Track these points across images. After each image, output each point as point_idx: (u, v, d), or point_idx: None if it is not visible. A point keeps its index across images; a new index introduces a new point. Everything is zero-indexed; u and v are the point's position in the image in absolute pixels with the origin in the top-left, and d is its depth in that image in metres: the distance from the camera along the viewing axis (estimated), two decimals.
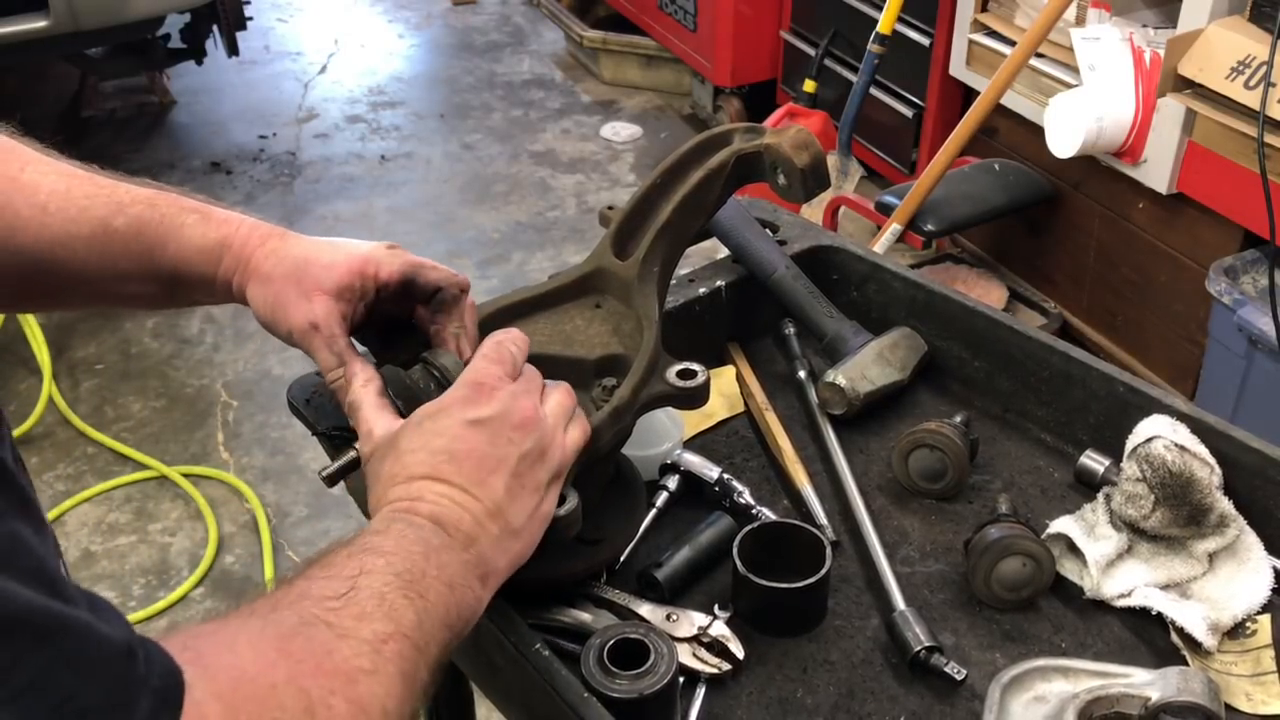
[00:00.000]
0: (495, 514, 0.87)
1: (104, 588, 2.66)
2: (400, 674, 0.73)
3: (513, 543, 0.89)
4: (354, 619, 0.73)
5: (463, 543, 0.85)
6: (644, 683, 0.95)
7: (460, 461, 0.87)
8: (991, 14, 3.15)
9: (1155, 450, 1.15)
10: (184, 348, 3.43)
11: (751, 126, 1.16)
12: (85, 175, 1.02)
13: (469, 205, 4.15)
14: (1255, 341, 2.35)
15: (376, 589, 0.75)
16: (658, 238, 1.13)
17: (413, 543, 0.81)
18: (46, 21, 3.45)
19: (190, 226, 1.01)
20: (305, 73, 5.09)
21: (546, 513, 0.92)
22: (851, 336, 1.37)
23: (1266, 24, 2.31)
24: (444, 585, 0.80)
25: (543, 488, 0.91)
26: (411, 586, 0.77)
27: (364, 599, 0.74)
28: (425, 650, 0.76)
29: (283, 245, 1.02)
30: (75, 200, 0.99)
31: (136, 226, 1.00)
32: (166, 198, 1.02)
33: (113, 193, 1.01)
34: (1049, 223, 3.19)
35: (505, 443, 0.89)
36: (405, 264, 1.04)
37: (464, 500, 0.86)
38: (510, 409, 0.90)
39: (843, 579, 1.16)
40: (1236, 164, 2.44)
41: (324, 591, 0.74)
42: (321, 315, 0.99)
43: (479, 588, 0.85)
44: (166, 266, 1.01)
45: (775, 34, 4.15)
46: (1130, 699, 0.97)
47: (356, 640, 0.72)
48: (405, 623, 0.75)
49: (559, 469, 0.93)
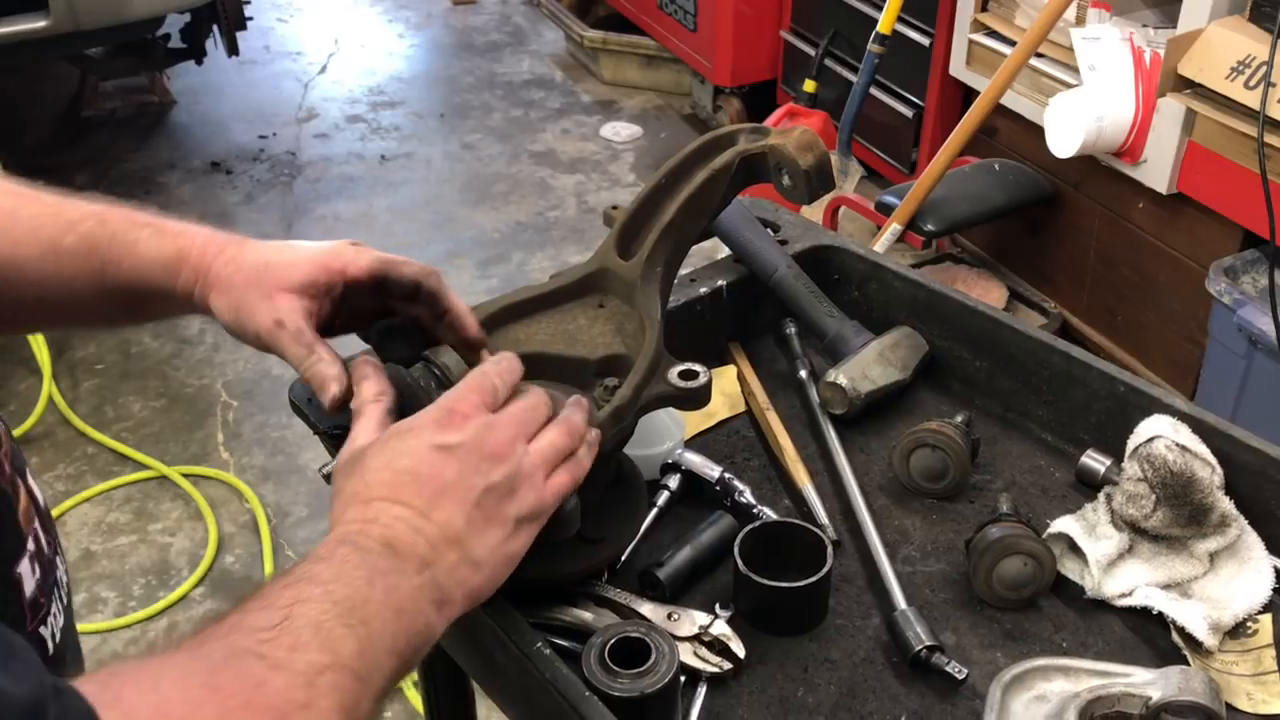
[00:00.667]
0: (453, 541, 0.83)
1: (104, 588, 2.66)
2: (338, 707, 0.69)
3: (472, 574, 0.84)
4: (287, 650, 0.69)
5: (416, 567, 0.80)
6: (645, 681, 0.95)
7: (422, 484, 0.84)
8: (991, 14, 3.15)
9: (1156, 450, 1.15)
10: (184, 348, 3.43)
11: (756, 127, 1.16)
12: (30, 194, 0.99)
13: (469, 205, 4.15)
14: (1255, 341, 2.36)
15: (313, 618, 0.71)
16: (661, 238, 1.13)
17: (355, 567, 0.77)
18: (46, 21, 3.45)
19: (144, 241, 0.99)
20: (305, 73, 5.09)
21: (513, 552, 0.87)
22: (852, 336, 1.37)
23: (1266, 24, 2.31)
24: (390, 611, 0.76)
25: (509, 523, 0.87)
26: (352, 614, 0.73)
27: (299, 628, 0.70)
28: (367, 680, 0.72)
29: (241, 253, 1.00)
30: (21, 220, 0.96)
31: (88, 244, 0.97)
32: (117, 213, 1.00)
33: (60, 211, 0.98)
34: (1049, 223, 3.19)
35: (472, 472, 0.85)
36: (375, 260, 1.02)
37: (420, 524, 0.82)
38: (482, 439, 0.87)
39: (844, 578, 1.16)
40: (1236, 164, 2.44)
41: (256, 623, 0.70)
42: (285, 312, 0.97)
43: (432, 614, 0.81)
44: (122, 283, 0.98)
45: (775, 34, 4.15)
46: (1131, 698, 0.97)
47: (290, 672, 0.68)
48: (344, 653, 0.71)
49: (534, 510, 0.88)
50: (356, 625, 0.73)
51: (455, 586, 0.83)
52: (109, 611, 2.61)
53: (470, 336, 1.03)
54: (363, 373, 0.96)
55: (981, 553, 1.11)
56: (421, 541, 0.82)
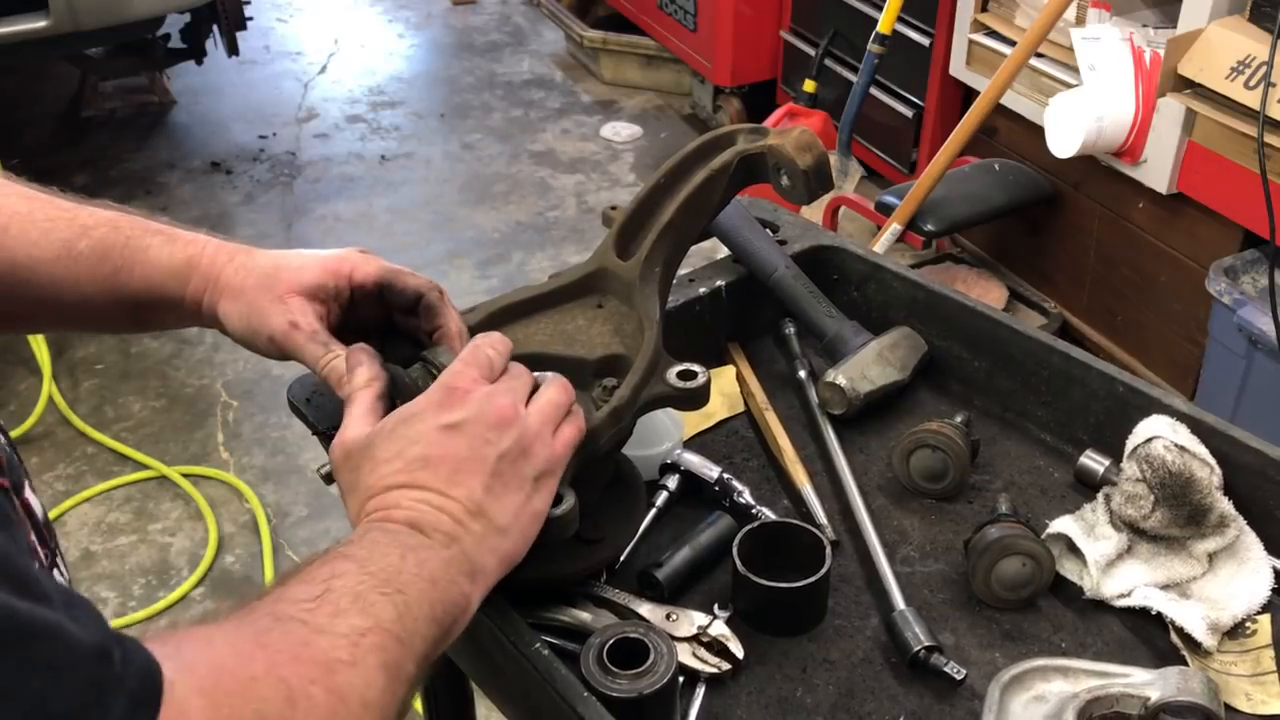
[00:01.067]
0: (476, 513, 0.86)
1: (104, 588, 2.66)
2: (381, 665, 0.72)
3: (500, 540, 0.87)
4: (329, 616, 0.73)
5: (443, 542, 0.84)
6: (644, 682, 0.95)
7: (436, 466, 0.86)
8: (991, 14, 3.15)
9: (1155, 450, 1.15)
10: (184, 348, 3.43)
11: (755, 127, 1.16)
12: (45, 198, 1.00)
13: (469, 205, 4.15)
14: (1255, 341, 2.36)
15: (350, 588, 0.75)
16: (660, 238, 1.13)
17: (387, 546, 0.80)
18: (46, 21, 3.45)
19: (156, 248, 1.01)
20: (305, 73, 5.09)
21: (538, 509, 0.91)
22: (852, 336, 1.37)
23: (1266, 24, 2.31)
24: (425, 581, 0.79)
25: (528, 483, 0.90)
26: (388, 584, 0.77)
27: (338, 598, 0.74)
28: (409, 644, 0.76)
29: (250, 259, 1.02)
30: (37, 223, 0.98)
31: (101, 250, 0.99)
32: (129, 220, 1.02)
33: (75, 216, 1.00)
34: (1049, 223, 3.19)
35: (482, 443, 0.88)
36: (381, 268, 1.05)
37: (441, 503, 0.85)
38: (485, 410, 0.89)
39: (842, 579, 1.16)
40: (1236, 164, 2.44)
41: (297, 595, 0.74)
42: (299, 313, 0.99)
43: (466, 584, 0.83)
44: (132, 289, 1.00)
45: (775, 34, 4.15)
46: (1130, 699, 0.97)
47: (333, 635, 0.72)
48: (384, 618, 0.75)
49: (547, 466, 0.92)
50: (393, 594, 0.76)
51: (486, 554, 0.86)
52: (109, 612, 2.61)
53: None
54: (355, 360, 0.97)
55: (980, 553, 1.11)
56: (445, 519, 0.85)
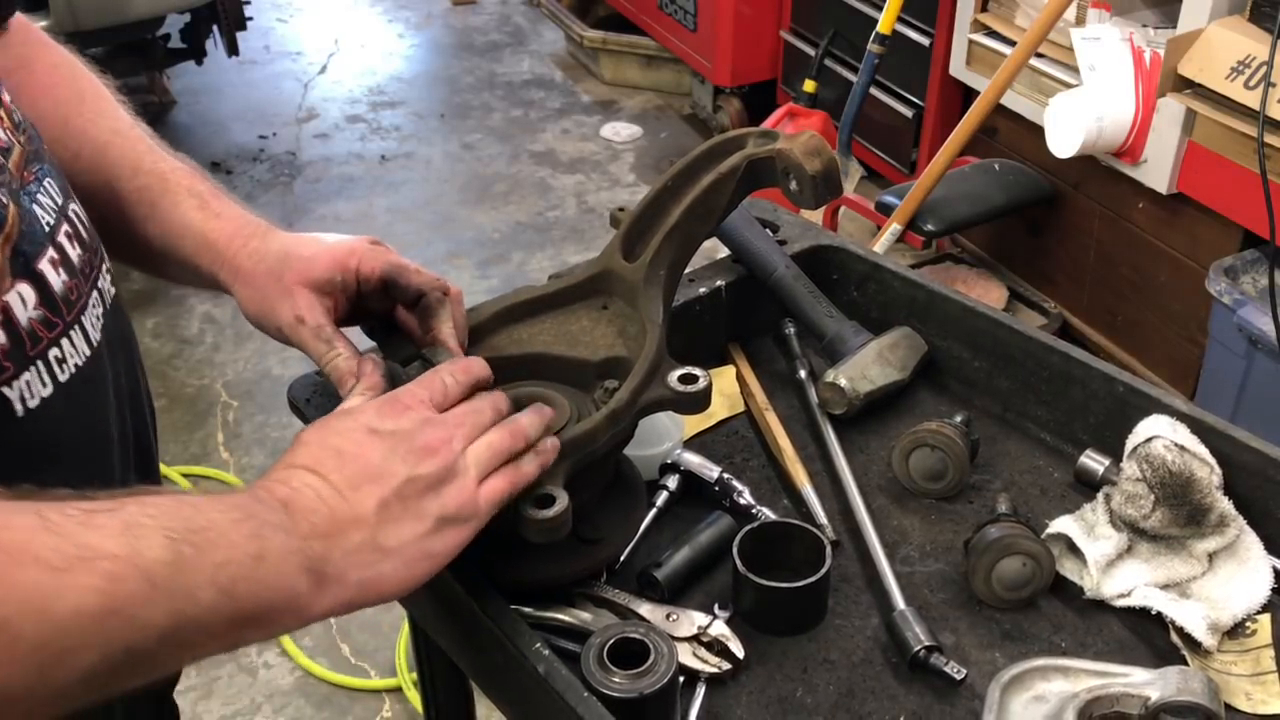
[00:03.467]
0: (360, 523, 0.82)
1: None
2: (100, 591, 0.64)
3: (375, 559, 0.82)
4: (78, 525, 0.65)
5: (304, 533, 0.78)
6: (644, 682, 0.95)
7: (345, 463, 0.83)
8: (991, 14, 3.15)
9: (1155, 450, 1.15)
10: (184, 348, 3.43)
11: (764, 131, 1.15)
12: (133, 135, 1.08)
13: (469, 205, 4.15)
14: (1255, 341, 2.35)
15: (133, 517, 0.68)
16: (665, 241, 1.12)
17: (229, 508, 0.75)
18: (46, 22, 3.45)
19: (186, 211, 1.06)
20: (305, 73, 5.09)
21: (433, 551, 0.85)
22: (851, 336, 1.37)
23: (1266, 24, 2.31)
24: (245, 555, 0.73)
25: (429, 519, 0.85)
26: (187, 534, 0.70)
27: (109, 519, 0.67)
28: (165, 591, 0.67)
29: (264, 245, 1.05)
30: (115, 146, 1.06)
31: (144, 193, 1.05)
32: (180, 174, 1.07)
33: (137, 153, 1.07)
34: (1049, 223, 3.19)
35: (398, 460, 0.85)
36: (387, 263, 1.05)
37: (329, 496, 0.81)
38: (414, 432, 0.87)
39: (843, 578, 1.16)
40: (1236, 164, 2.44)
41: (82, 502, 0.67)
42: (305, 307, 1.01)
43: (302, 581, 0.77)
44: (153, 237, 1.06)
45: (775, 34, 4.15)
46: (1130, 698, 0.97)
47: (62, 539, 0.64)
48: (147, 556, 0.67)
49: (459, 512, 0.86)
50: (179, 541, 0.69)
51: (350, 567, 0.80)
52: None
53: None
54: (362, 369, 0.98)
55: (980, 553, 1.11)
56: (324, 512, 0.80)
